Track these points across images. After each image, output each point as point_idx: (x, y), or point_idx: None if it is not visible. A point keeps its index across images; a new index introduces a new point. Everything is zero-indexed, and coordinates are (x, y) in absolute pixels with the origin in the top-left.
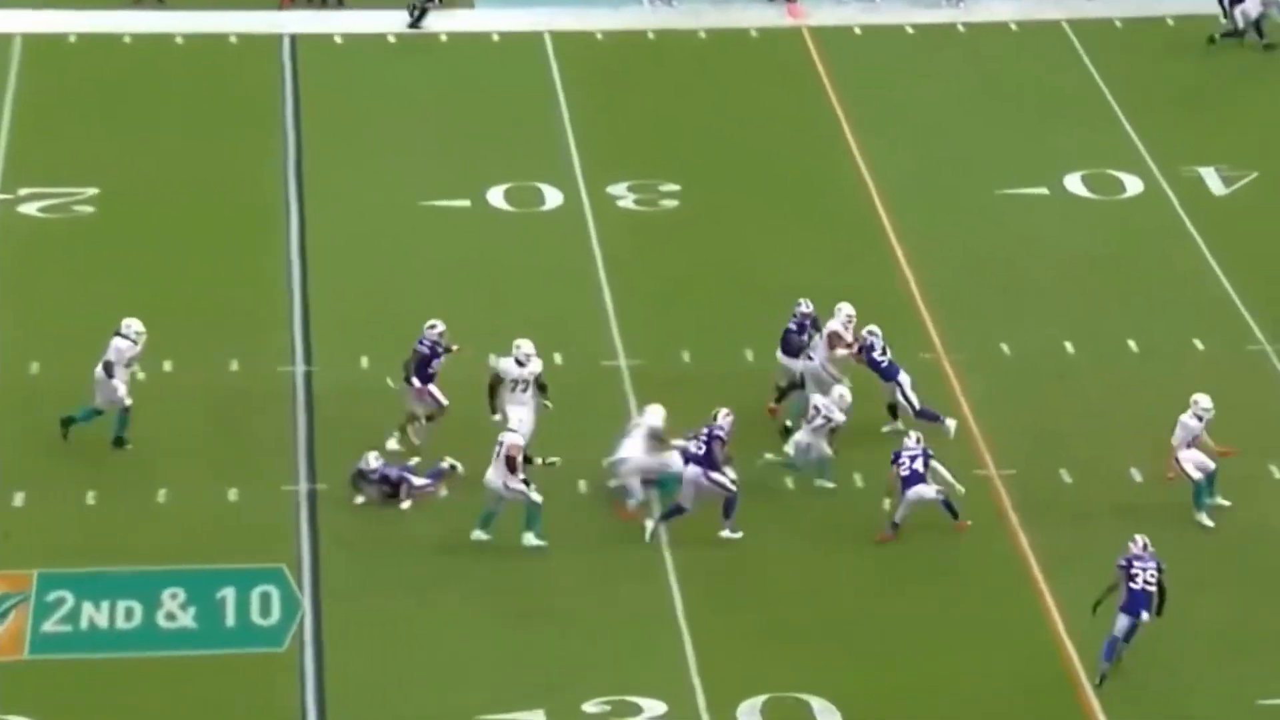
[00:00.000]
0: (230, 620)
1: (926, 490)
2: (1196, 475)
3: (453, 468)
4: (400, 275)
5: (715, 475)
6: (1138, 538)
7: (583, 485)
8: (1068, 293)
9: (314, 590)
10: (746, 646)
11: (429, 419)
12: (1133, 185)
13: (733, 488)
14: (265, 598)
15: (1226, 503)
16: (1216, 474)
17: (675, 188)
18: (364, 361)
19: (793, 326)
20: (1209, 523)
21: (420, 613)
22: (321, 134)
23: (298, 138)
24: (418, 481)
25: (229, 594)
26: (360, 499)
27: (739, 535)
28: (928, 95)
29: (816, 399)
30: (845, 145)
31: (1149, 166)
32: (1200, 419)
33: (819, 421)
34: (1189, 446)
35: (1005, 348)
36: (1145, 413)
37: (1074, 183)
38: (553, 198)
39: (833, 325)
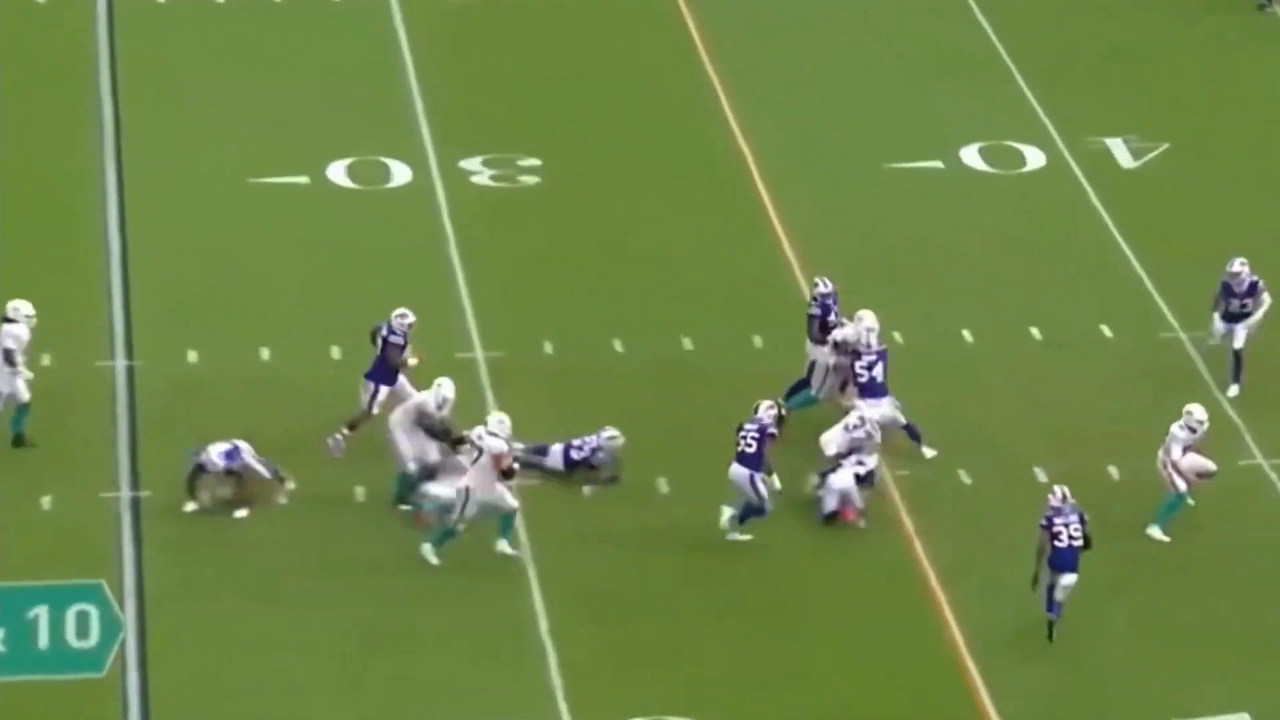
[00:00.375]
0: (43, 642)
1: (847, 474)
2: (1182, 486)
3: (283, 479)
4: (231, 260)
5: (759, 481)
6: (1056, 489)
7: None
8: (965, 276)
9: (138, 608)
10: (617, 665)
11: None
12: (1034, 158)
13: (768, 503)
14: (83, 617)
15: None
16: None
17: (535, 163)
18: (192, 356)
19: (815, 311)
20: (1163, 538)
21: (255, 632)
22: (142, 103)
23: (115, 107)
24: (258, 465)
25: (42, 613)
26: (191, 505)
27: (748, 538)
28: (810, 59)
29: (865, 410)
30: (721, 115)
31: (1052, 137)
32: (1193, 430)
33: (860, 434)
34: (1183, 454)
35: (898, 336)
36: (1050, 407)
37: (970, 155)
38: (400, 174)
39: (842, 333)
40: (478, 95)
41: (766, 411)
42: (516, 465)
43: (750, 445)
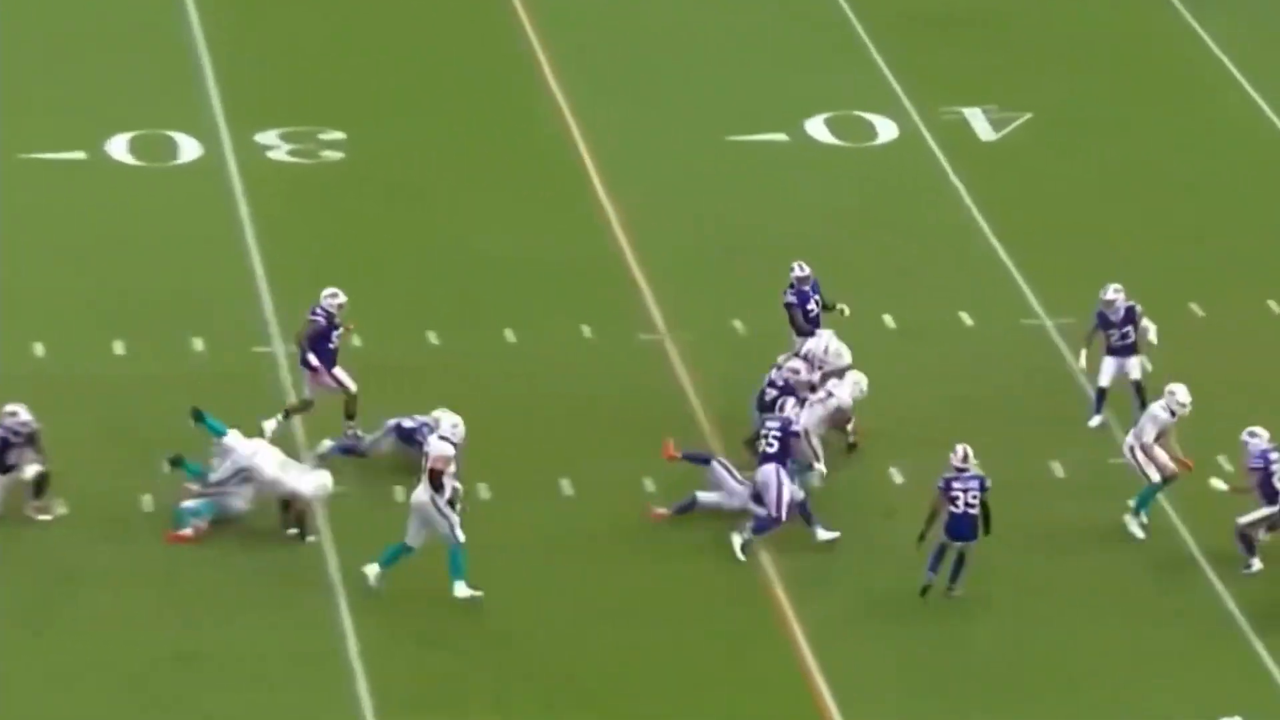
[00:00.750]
0: None
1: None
2: (1155, 477)
3: (42, 475)
4: (0, 244)
5: (784, 488)
6: (959, 447)
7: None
8: (811, 259)
9: None
10: (433, 690)
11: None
12: (886, 130)
13: (781, 513)
14: None
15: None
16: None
17: (339, 136)
18: None
19: (790, 298)
20: (1140, 534)
21: (29, 654)
22: None
23: None
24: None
25: None
26: None
27: (744, 559)
28: (642, 24)
29: (828, 386)
30: (544, 85)
31: (905, 107)
32: (1173, 413)
33: (819, 395)
34: (1156, 442)
35: (739, 325)
36: (906, 401)
37: (816, 127)
38: (189, 149)
39: (809, 345)
40: (274, 62)
41: (793, 409)
42: (454, 483)
43: (772, 445)
